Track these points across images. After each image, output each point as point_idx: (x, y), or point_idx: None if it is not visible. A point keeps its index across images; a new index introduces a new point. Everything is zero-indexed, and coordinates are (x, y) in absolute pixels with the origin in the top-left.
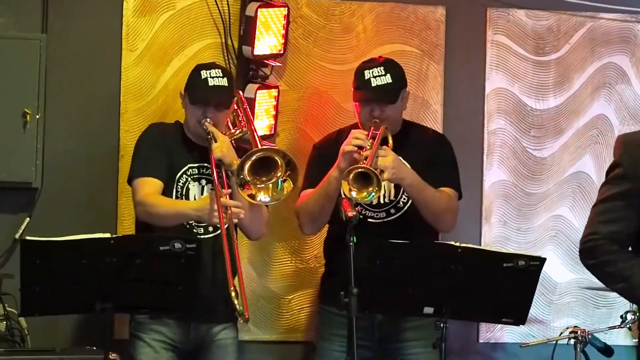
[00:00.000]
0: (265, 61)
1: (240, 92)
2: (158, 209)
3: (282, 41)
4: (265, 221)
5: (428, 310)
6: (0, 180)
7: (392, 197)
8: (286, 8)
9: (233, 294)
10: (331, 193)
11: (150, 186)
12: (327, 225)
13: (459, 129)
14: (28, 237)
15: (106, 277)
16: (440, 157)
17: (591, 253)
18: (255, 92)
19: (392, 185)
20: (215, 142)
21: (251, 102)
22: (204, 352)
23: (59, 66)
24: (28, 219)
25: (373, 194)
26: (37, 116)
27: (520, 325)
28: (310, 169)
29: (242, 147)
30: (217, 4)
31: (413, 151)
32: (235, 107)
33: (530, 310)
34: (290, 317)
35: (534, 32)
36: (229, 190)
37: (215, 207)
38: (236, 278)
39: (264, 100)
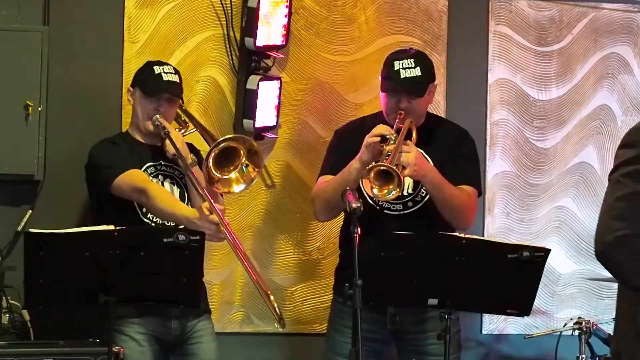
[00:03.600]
0: (268, 53)
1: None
2: (158, 203)
3: (284, 32)
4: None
5: (432, 301)
6: (3, 173)
7: (410, 190)
8: None
9: (272, 297)
10: (350, 183)
11: (139, 174)
12: (343, 215)
13: (461, 120)
14: (32, 230)
15: (110, 269)
16: (462, 153)
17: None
18: (258, 84)
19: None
20: (170, 136)
21: (254, 93)
22: (185, 344)
23: (60, 58)
24: (30, 211)
25: (394, 191)
26: (39, 108)
27: (525, 317)
28: (330, 155)
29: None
30: None
31: (435, 146)
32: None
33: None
34: (294, 309)
35: (536, 23)
36: (222, 207)
37: (202, 224)
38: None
39: (266, 92)
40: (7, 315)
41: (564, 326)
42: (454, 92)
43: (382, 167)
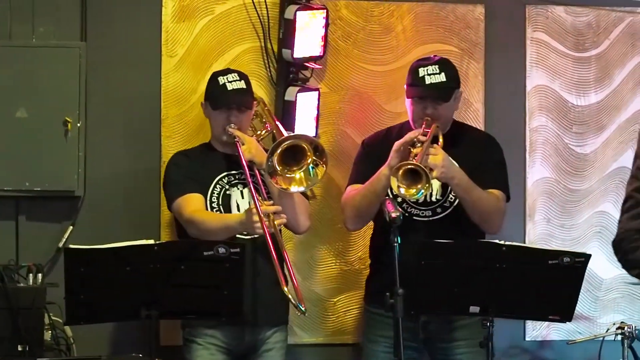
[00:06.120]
0: (306, 64)
1: (258, 97)
2: (207, 225)
3: (322, 43)
4: (307, 213)
5: (474, 309)
6: (43, 190)
7: (438, 196)
8: (325, 10)
9: (285, 288)
10: (380, 190)
11: (193, 203)
12: (373, 225)
13: (500, 127)
14: (72, 246)
15: (151, 283)
16: (489, 159)
17: (618, 247)
18: (296, 95)
19: (440, 184)
20: (243, 144)
21: (292, 105)
22: (255, 355)
23: (99, 74)
24: (71, 227)
25: (422, 191)
26: (78, 124)
27: (567, 322)
28: (358, 165)
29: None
30: (255, 8)
31: (462, 151)
32: (257, 110)
33: (576, 307)
34: (336, 319)
35: (573, 29)
36: (271, 203)
37: (255, 218)
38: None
39: (305, 103)
40: (50, 331)
41: (606, 331)
42: (493, 99)
43: (409, 166)
